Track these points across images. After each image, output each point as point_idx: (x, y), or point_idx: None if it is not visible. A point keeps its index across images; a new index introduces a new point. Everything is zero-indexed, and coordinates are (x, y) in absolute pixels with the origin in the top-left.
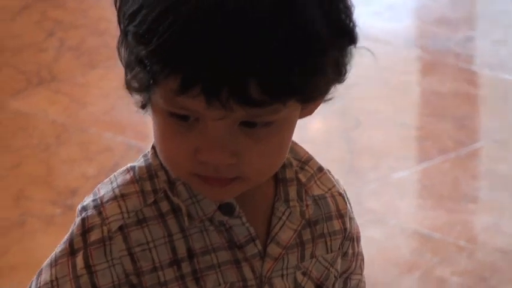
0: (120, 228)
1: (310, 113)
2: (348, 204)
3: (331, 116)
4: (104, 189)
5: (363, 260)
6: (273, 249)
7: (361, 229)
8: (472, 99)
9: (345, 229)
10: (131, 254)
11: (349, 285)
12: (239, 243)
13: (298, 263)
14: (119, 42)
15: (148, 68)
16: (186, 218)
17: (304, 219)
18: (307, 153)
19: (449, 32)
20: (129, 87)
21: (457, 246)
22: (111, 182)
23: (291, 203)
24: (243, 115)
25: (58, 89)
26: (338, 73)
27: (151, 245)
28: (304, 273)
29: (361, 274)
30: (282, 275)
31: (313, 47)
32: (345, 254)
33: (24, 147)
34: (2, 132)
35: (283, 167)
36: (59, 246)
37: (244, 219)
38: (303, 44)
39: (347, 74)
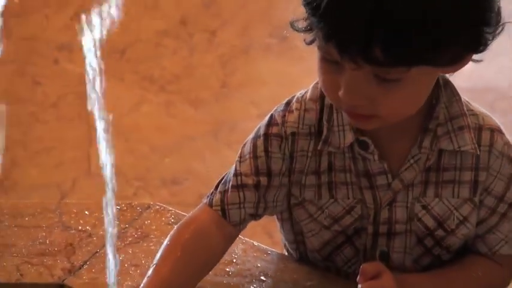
0: (293, 134)
1: (453, 71)
2: (496, 165)
3: None
4: (298, 97)
5: None
6: (396, 185)
7: None
8: None
9: (476, 180)
10: (292, 157)
11: (487, 238)
12: (372, 172)
13: (420, 197)
14: None
15: (307, 16)
16: (321, 143)
17: (424, 166)
18: (461, 110)
19: None
20: (292, 25)
21: None
22: (306, 91)
23: (422, 150)
24: (371, 70)
25: None
26: (474, 45)
27: (308, 154)
28: (423, 207)
29: (507, 243)
30: (407, 206)
31: (438, 23)
32: (481, 204)
33: None
34: None
35: (431, 118)
36: (255, 128)
37: (376, 157)
38: (427, 18)
39: (487, 46)
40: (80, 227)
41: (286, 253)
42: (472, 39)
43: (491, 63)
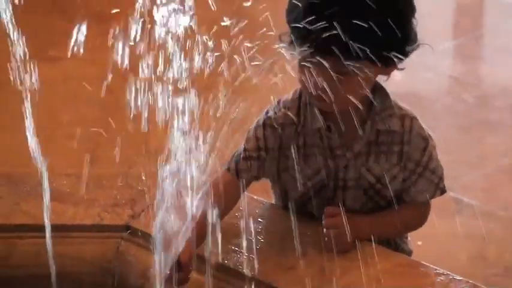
0: (281, 123)
1: (387, 73)
2: (414, 141)
3: None
4: (283, 99)
5: (428, 189)
6: (349, 154)
7: None
8: None
9: (401, 151)
10: (281, 138)
11: (409, 190)
12: (333, 146)
13: (365, 162)
14: None
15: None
16: (299, 127)
17: (367, 141)
18: (391, 104)
19: None
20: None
21: None
22: (288, 95)
23: (366, 131)
24: (333, 68)
25: None
26: (400, 53)
27: (291, 135)
28: (367, 169)
29: (422, 193)
30: (355, 168)
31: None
32: (405, 167)
33: None
34: None
35: (370, 109)
36: (256, 120)
37: (336, 136)
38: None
39: (408, 56)
40: (139, 187)
41: (275, 203)
42: (400, 50)
43: (414, 74)
